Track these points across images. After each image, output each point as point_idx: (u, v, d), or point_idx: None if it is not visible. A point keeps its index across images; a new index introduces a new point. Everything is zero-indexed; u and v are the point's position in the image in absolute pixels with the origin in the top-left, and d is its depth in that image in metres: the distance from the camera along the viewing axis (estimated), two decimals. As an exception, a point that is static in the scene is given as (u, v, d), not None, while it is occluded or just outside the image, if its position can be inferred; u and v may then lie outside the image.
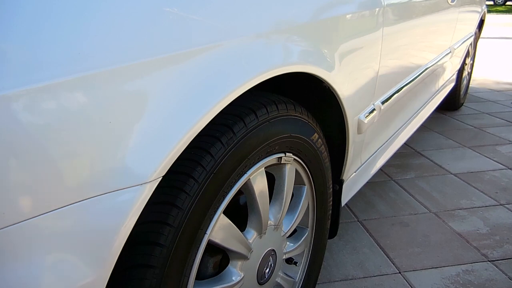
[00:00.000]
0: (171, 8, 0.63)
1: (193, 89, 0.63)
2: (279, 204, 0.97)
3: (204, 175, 0.69)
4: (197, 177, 0.68)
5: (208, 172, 0.69)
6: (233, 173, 0.76)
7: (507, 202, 1.92)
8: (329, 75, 0.97)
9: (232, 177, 0.76)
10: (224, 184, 0.74)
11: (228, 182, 0.75)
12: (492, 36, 7.15)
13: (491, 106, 3.50)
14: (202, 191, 0.69)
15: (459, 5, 2.27)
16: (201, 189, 0.68)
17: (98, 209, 0.54)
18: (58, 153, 0.50)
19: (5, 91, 0.45)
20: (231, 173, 0.75)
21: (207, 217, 0.72)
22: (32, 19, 0.49)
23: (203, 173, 0.69)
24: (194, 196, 0.67)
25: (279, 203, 0.97)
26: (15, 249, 0.50)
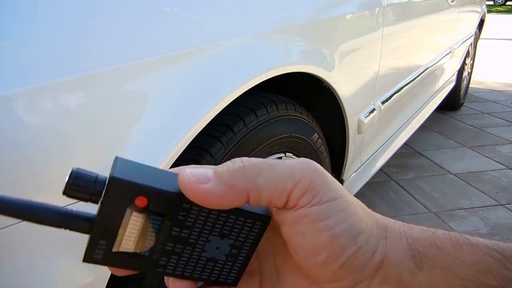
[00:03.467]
0: (172, 8, 0.63)
1: (193, 89, 0.63)
2: (279, 204, 0.97)
3: (204, 175, 0.69)
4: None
5: (208, 172, 0.69)
6: (233, 173, 0.76)
7: (507, 202, 1.92)
8: (329, 75, 0.97)
9: (232, 177, 0.76)
10: (224, 184, 0.74)
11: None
12: (492, 36, 7.16)
13: (491, 106, 3.50)
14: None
15: (459, 5, 2.27)
16: (201, 189, 0.68)
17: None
18: (58, 152, 0.50)
19: (5, 91, 0.45)
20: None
21: (207, 217, 0.72)
22: (32, 19, 0.49)
23: (203, 173, 0.68)
24: (194, 196, 0.67)
25: (279, 203, 0.97)
26: (15, 249, 0.50)
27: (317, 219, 0.24)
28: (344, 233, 0.24)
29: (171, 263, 0.24)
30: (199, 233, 0.24)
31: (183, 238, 0.24)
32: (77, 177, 0.23)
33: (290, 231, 0.24)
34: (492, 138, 2.74)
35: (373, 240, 0.25)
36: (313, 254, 0.24)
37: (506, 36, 7.65)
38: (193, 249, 0.24)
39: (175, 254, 0.24)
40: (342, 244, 0.24)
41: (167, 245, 0.24)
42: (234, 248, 0.25)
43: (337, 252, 0.24)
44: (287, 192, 0.23)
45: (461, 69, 3.01)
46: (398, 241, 0.25)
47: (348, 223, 0.24)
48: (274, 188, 0.23)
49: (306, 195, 0.24)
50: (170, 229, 0.23)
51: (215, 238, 0.24)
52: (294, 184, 0.23)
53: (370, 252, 0.25)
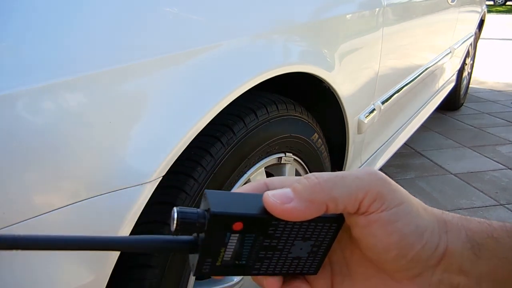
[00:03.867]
0: (171, 8, 0.63)
1: (193, 89, 0.63)
2: (279, 204, 0.97)
3: (204, 175, 0.69)
4: (197, 177, 0.68)
5: (208, 172, 0.69)
6: (233, 173, 0.76)
7: (507, 202, 1.92)
8: (329, 75, 0.97)
9: (232, 177, 0.76)
10: (224, 184, 0.74)
11: (228, 182, 0.75)
12: (492, 36, 7.15)
13: (491, 106, 3.50)
14: (202, 191, 0.69)
15: (459, 5, 2.27)
16: (201, 189, 0.68)
17: (98, 209, 0.54)
18: (58, 153, 0.50)
19: (5, 91, 0.45)
20: (231, 173, 0.75)
21: (207, 217, 0.72)
22: (33, 20, 0.49)
23: (203, 173, 0.69)
24: (194, 196, 0.67)
25: (279, 203, 0.97)
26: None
27: (387, 223, 0.27)
28: (411, 233, 0.27)
29: (264, 266, 0.30)
30: (285, 240, 0.29)
31: (272, 246, 0.29)
32: (183, 218, 0.27)
33: (362, 232, 0.28)
34: (492, 138, 2.73)
35: (435, 235, 0.28)
36: (384, 251, 0.28)
37: (506, 36, 7.64)
38: (281, 253, 0.29)
39: (267, 259, 0.29)
40: (410, 242, 0.27)
41: (260, 253, 0.29)
42: (315, 247, 0.30)
43: (406, 250, 0.27)
44: (359, 200, 0.27)
45: (461, 69, 3.01)
46: (457, 234, 0.28)
47: (414, 224, 0.28)
48: (348, 198, 0.27)
49: (375, 202, 0.27)
50: (262, 241, 0.28)
51: (298, 242, 0.29)
52: (365, 194, 0.27)
53: (434, 246, 0.28)
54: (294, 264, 0.30)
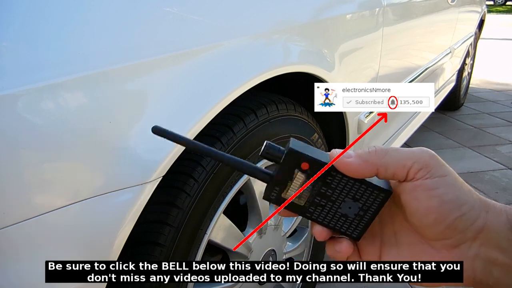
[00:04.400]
0: (172, 8, 0.63)
1: (193, 89, 0.63)
2: (279, 204, 0.97)
3: (204, 175, 0.69)
4: (197, 177, 0.68)
5: (208, 172, 0.69)
6: (233, 173, 0.76)
7: (507, 202, 1.92)
8: (329, 75, 0.97)
9: (232, 177, 0.76)
10: (224, 184, 0.74)
11: (228, 182, 0.75)
12: (492, 36, 7.15)
13: (491, 106, 3.50)
14: (202, 191, 0.69)
15: (459, 5, 2.27)
16: (201, 189, 0.68)
17: (98, 209, 0.54)
18: (58, 153, 0.50)
19: (5, 91, 0.45)
20: (231, 173, 0.75)
21: (207, 217, 0.72)
22: (33, 20, 0.49)
23: (203, 173, 0.69)
24: (194, 196, 0.67)
25: (279, 203, 0.97)
26: (15, 249, 0.50)
27: (430, 188, 0.31)
28: (450, 201, 0.31)
29: (316, 212, 0.34)
30: (339, 193, 0.34)
31: (327, 195, 0.34)
32: (268, 147, 0.35)
33: (408, 197, 0.32)
34: (492, 138, 2.73)
35: (475, 210, 0.31)
36: (425, 215, 0.31)
37: (506, 36, 7.64)
38: (333, 204, 0.34)
39: (320, 206, 0.34)
40: (448, 208, 0.30)
41: (316, 198, 0.34)
42: (362, 210, 0.33)
43: (444, 215, 0.30)
44: (407, 168, 0.31)
45: (461, 69, 3.01)
46: (498, 215, 0.31)
47: (455, 195, 0.31)
48: (397, 164, 0.31)
49: (421, 170, 0.31)
50: (320, 187, 0.34)
51: (349, 200, 0.34)
52: (413, 162, 0.31)
53: (472, 219, 0.31)
54: (341, 221, 0.34)
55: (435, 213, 0.31)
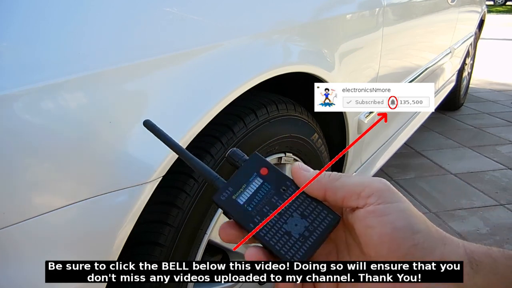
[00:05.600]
0: (172, 8, 0.63)
1: (193, 89, 0.63)
2: (279, 204, 0.97)
3: (204, 175, 0.69)
4: (197, 177, 0.68)
5: (208, 172, 0.69)
6: (233, 173, 0.76)
7: (507, 202, 1.92)
8: (329, 75, 0.97)
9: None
10: (224, 184, 0.74)
11: (228, 182, 0.75)
12: (492, 36, 7.15)
13: (491, 106, 3.50)
14: (202, 191, 0.69)
15: (459, 5, 2.27)
16: (201, 189, 0.68)
17: (98, 209, 0.54)
18: (58, 153, 0.50)
19: (5, 91, 0.45)
20: (231, 173, 0.75)
21: (207, 217, 0.72)
22: (33, 20, 0.49)
23: (203, 173, 0.68)
24: (194, 196, 0.67)
25: (279, 203, 0.97)
26: (15, 249, 0.50)
27: (382, 214, 0.30)
28: (403, 227, 0.30)
29: (261, 223, 0.33)
30: (288, 206, 0.33)
31: (276, 206, 0.33)
32: (234, 152, 0.36)
33: (361, 225, 0.31)
34: (492, 138, 2.73)
35: (431, 240, 0.30)
36: (379, 243, 0.30)
37: (506, 36, 7.64)
38: (280, 217, 0.33)
39: (266, 217, 0.33)
40: (401, 236, 0.30)
41: (265, 208, 0.33)
42: (307, 230, 0.32)
43: (397, 243, 0.30)
44: (357, 193, 0.31)
45: (461, 69, 3.01)
46: (456, 249, 0.30)
47: (407, 221, 0.30)
48: (347, 190, 0.32)
49: (373, 196, 0.31)
50: (271, 196, 0.33)
51: (297, 215, 0.33)
52: (364, 188, 0.31)
53: (428, 250, 0.30)
54: (283, 239, 0.32)
55: (388, 241, 0.30)
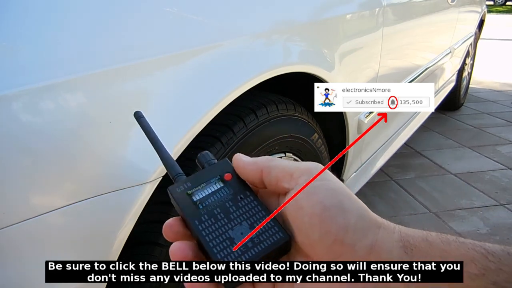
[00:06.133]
0: (172, 8, 0.63)
1: (193, 89, 0.63)
2: (279, 204, 0.97)
3: (204, 175, 0.69)
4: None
5: (208, 172, 0.69)
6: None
7: (507, 202, 1.92)
8: (329, 75, 0.97)
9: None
10: (224, 184, 0.74)
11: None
12: (492, 36, 7.15)
13: (491, 106, 3.50)
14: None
15: (459, 5, 2.27)
16: (201, 189, 0.68)
17: (98, 209, 0.54)
18: (57, 153, 0.50)
19: (5, 91, 0.45)
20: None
21: (207, 217, 0.72)
22: (33, 20, 0.49)
23: (203, 173, 0.68)
24: (194, 196, 0.67)
25: (279, 203, 0.97)
26: (15, 249, 0.50)
27: (312, 193, 0.30)
28: (333, 206, 0.29)
29: (206, 224, 0.32)
30: (240, 214, 0.32)
31: (228, 211, 0.32)
32: (201, 156, 0.37)
33: (292, 208, 0.31)
34: (492, 138, 2.74)
35: (363, 223, 0.29)
36: (310, 226, 0.29)
37: (506, 36, 7.64)
38: (227, 223, 0.32)
39: (214, 218, 0.32)
40: (331, 215, 0.29)
41: (216, 210, 0.32)
42: (252, 242, 0.31)
43: (328, 224, 0.29)
44: (290, 174, 0.31)
45: (461, 69, 3.01)
46: (390, 233, 0.29)
47: (337, 199, 0.29)
48: (281, 170, 0.32)
49: (304, 176, 0.31)
50: (226, 201, 0.33)
51: (245, 224, 0.32)
52: (296, 168, 0.31)
53: (360, 233, 0.29)
54: (223, 245, 0.31)
55: (319, 223, 0.29)
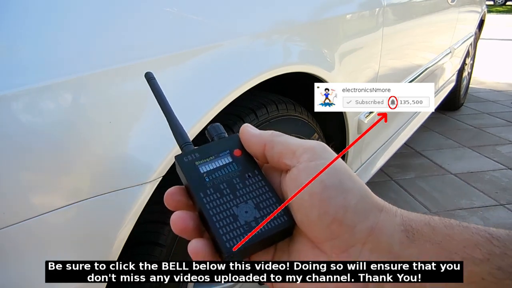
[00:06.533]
0: (172, 8, 0.63)
1: (193, 89, 0.63)
2: (279, 204, 0.97)
3: (204, 175, 0.69)
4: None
5: (208, 172, 0.69)
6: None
7: (507, 202, 1.92)
8: (329, 75, 0.97)
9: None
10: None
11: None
12: (492, 36, 7.15)
13: (491, 106, 3.50)
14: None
15: (459, 5, 2.27)
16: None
17: (98, 209, 0.54)
18: (57, 153, 0.50)
19: (5, 91, 0.45)
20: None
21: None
22: (32, 20, 0.49)
23: (203, 173, 0.69)
24: (194, 196, 0.67)
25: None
26: (15, 249, 0.50)
27: (313, 171, 0.29)
28: (333, 185, 0.28)
29: (210, 197, 0.31)
30: (247, 192, 0.32)
31: (235, 188, 0.32)
32: (211, 128, 0.36)
33: (293, 185, 0.30)
34: (492, 138, 2.73)
35: (364, 204, 0.28)
36: (309, 206, 0.29)
37: (506, 36, 7.64)
38: (233, 199, 0.31)
39: (220, 193, 0.31)
40: (331, 195, 0.28)
41: (222, 184, 0.32)
42: (255, 222, 0.31)
43: (327, 204, 0.28)
44: (292, 151, 0.31)
45: (461, 69, 3.01)
46: (392, 217, 0.29)
47: (338, 178, 0.29)
48: (284, 146, 0.31)
49: (306, 153, 0.30)
50: (233, 177, 0.32)
51: (251, 203, 0.31)
52: (299, 146, 0.31)
53: (361, 215, 0.28)
54: (226, 221, 0.30)
55: (318, 202, 0.28)
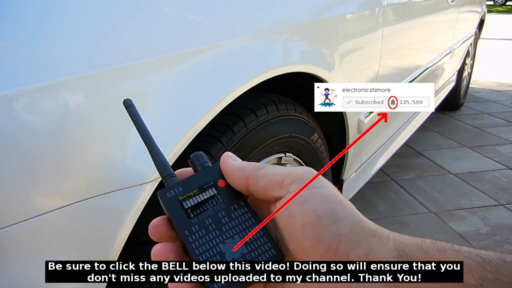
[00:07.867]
0: (172, 8, 0.63)
1: (193, 89, 0.63)
2: (279, 204, 0.97)
3: (204, 175, 0.69)
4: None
5: (208, 172, 0.69)
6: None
7: (507, 202, 1.92)
8: (329, 75, 0.97)
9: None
10: (224, 184, 0.74)
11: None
12: (492, 36, 7.15)
13: (491, 106, 3.50)
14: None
15: (459, 5, 2.27)
16: (201, 189, 0.68)
17: (98, 209, 0.54)
18: (57, 153, 0.50)
19: (5, 91, 0.45)
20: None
21: (207, 217, 0.72)
22: (32, 20, 0.49)
23: (203, 173, 0.68)
24: (194, 196, 0.67)
25: (279, 203, 0.97)
26: (15, 249, 0.50)
27: (304, 201, 0.28)
28: (326, 215, 0.28)
29: (196, 236, 0.30)
30: (233, 226, 0.30)
31: (220, 222, 0.30)
32: (194, 157, 0.35)
33: (283, 215, 0.29)
34: (492, 138, 2.73)
35: (357, 232, 0.28)
36: (302, 235, 0.28)
37: (506, 36, 7.64)
38: (219, 235, 0.30)
39: (205, 230, 0.30)
40: (324, 224, 0.28)
41: (207, 220, 0.31)
42: (243, 258, 0.30)
43: (321, 233, 0.28)
44: (280, 182, 0.30)
45: (461, 69, 3.01)
46: (385, 242, 0.28)
47: (330, 207, 0.28)
48: (269, 178, 0.30)
49: (295, 183, 0.29)
50: (219, 211, 0.31)
51: (238, 238, 0.30)
52: (286, 176, 0.30)
53: (354, 242, 0.28)
54: (214, 258, 0.29)
55: (311, 231, 0.28)
